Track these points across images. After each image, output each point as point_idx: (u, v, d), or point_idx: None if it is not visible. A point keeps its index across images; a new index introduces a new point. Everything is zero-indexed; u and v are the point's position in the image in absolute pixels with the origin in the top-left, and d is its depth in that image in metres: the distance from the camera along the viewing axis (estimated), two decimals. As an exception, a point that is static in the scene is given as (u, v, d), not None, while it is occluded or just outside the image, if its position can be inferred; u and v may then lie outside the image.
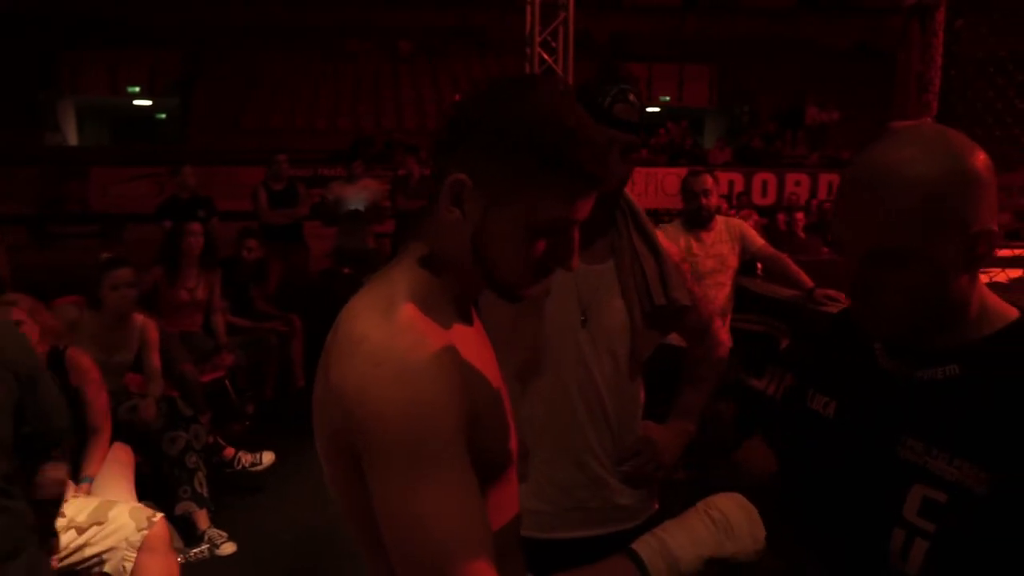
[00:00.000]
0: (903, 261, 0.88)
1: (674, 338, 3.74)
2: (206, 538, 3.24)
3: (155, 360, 3.57)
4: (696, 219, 3.70)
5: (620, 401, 1.60)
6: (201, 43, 14.97)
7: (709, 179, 3.77)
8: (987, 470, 0.85)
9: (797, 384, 1.16)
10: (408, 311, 0.89)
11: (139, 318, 3.57)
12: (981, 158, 0.88)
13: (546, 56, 5.58)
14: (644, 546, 0.91)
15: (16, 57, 13.33)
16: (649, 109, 17.58)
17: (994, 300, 0.95)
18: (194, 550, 3.20)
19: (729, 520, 0.92)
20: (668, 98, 18.04)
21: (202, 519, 3.30)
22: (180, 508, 3.28)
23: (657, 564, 0.89)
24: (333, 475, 0.93)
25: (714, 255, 3.73)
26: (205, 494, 3.33)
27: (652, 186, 12.29)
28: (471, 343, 0.97)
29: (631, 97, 1.50)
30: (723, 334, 1.77)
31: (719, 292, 3.69)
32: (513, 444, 1.02)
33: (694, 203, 3.71)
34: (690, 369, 1.77)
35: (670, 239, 3.84)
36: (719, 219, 3.77)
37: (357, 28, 15.43)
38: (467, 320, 1.00)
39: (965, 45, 3.42)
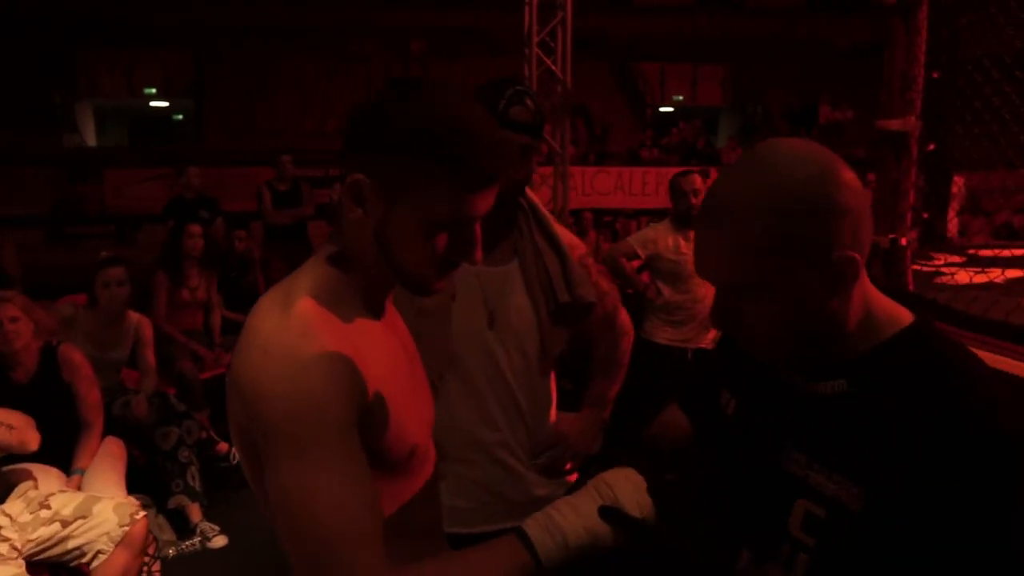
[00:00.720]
0: (755, 295, 0.86)
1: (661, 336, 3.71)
2: (198, 531, 3.31)
3: (149, 357, 3.64)
4: (685, 218, 3.72)
5: (533, 397, 1.65)
6: (215, 44, 15.13)
7: (699, 179, 3.79)
8: (860, 485, 0.84)
9: (712, 374, 1.17)
10: (304, 306, 0.92)
11: (134, 316, 3.64)
12: (840, 181, 0.83)
13: (544, 57, 5.60)
14: (532, 523, 0.94)
15: (34, 59, 13.53)
16: (662, 109, 17.54)
17: (886, 308, 0.92)
18: (186, 542, 3.26)
19: (616, 492, 0.94)
20: (681, 97, 17.99)
21: (195, 512, 3.36)
22: (173, 502, 3.35)
23: (544, 540, 0.91)
24: (246, 467, 0.97)
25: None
26: (198, 488, 3.40)
27: (664, 186, 12.29)
28: (376, 338, 1.00)
29: (527, 101, 1.53)
30: (626, 321, 1.81)
31: (708, 292, 3.70)
32: (417, 438, 1.04)
33: (683, 202, 3.73)
34: (599, 359, 1.80)
35: (659, 237, 3.87)
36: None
37: (368, 29, 15.52)
38: (375, 315, 1.03)
39: (965, 45, 3.42)
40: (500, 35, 15.17)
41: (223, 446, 3.74)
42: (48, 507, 2.45)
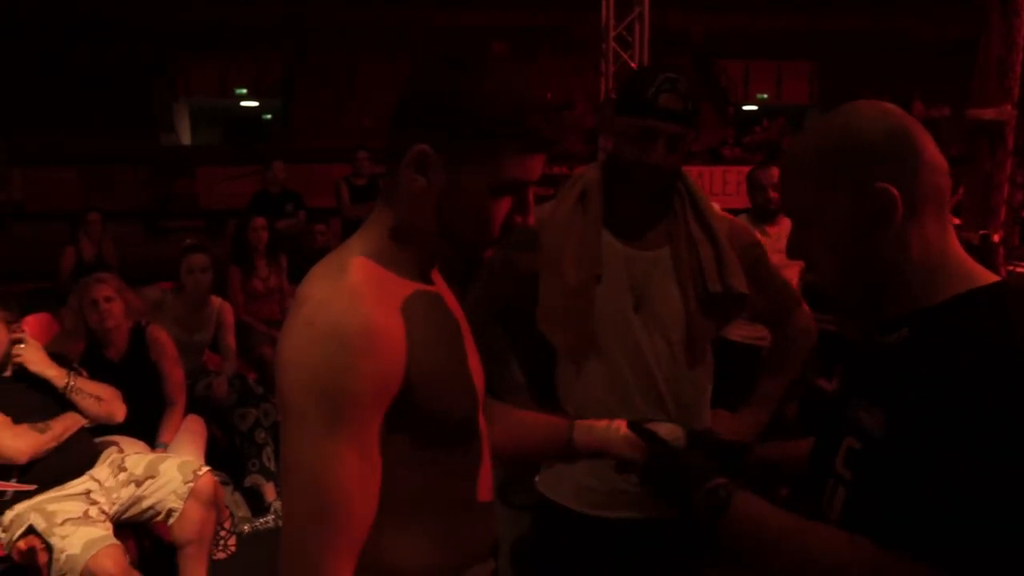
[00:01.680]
0: (811, 221, 0.95)
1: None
2: (272, 509, 3.42)
3: (230, 341, 3.79)
4: (763, 213, 3.63)
5: (677, 387, 1.59)
6: (303, 46, 15.63)
7: (777, 172, 3.68)
8: (884, 410, 0.89)
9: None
10: (355, 276, 0.94)
11: (216, 301, 3.80)
12: (895, 127, 0.91)
13: (621, 52, 5.55)
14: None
15: (135, 62, 14.28)
16: (746, 107, 17.13)
17: (964, 265, 0.93)
18: (260, 519, 3.38)
19: (654, 427, 1.18)
20: (766, 96, 17.52)
21: (269, 491, 3.47)
22: (249, 480, 3.47)
23: (582, 428, 1.21)
24: None
25: (780, 250, 3.62)
26: (273, 468, 3.51)
27: (746, 185, 11.99)
28: (426, 308, 1.00)
29: (679, 87, 1.48)
30: (808, 321, 1.73)
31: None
32: (464, 411, 1.04)
33: (762, 196, 3.64)
34: (770, 356, 1.76)
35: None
36: (786, 214, 3.68)
37: (450, 29, 15.73)
38: (427, 284, 1.04)
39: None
40: (579, 32, 15.17)
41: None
42: (124, 469, 2.58)
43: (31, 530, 2.35)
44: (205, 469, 2.62)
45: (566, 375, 1.62)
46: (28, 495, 2.44)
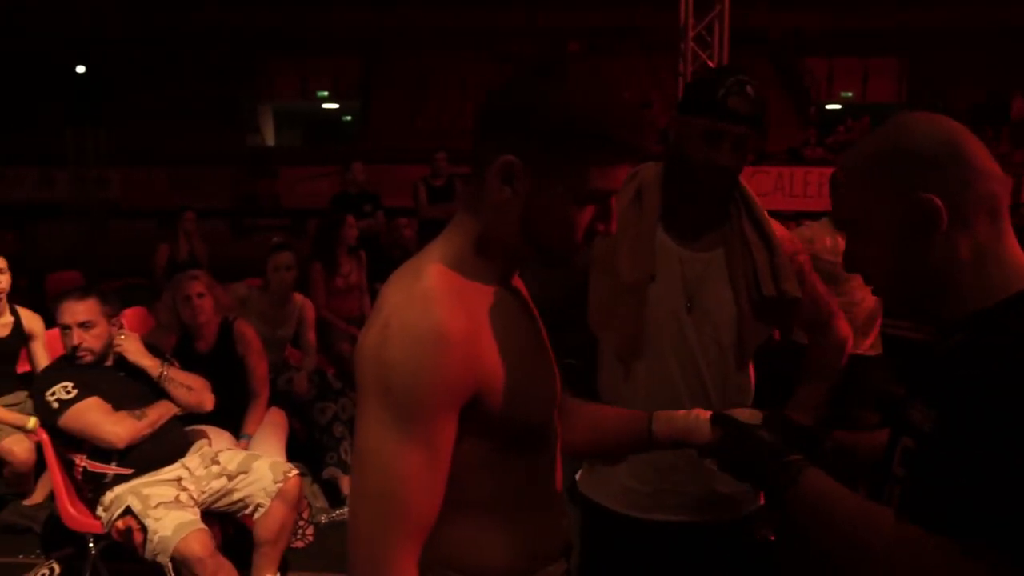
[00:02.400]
0: (860, 230, 0.98)
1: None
2: (347, 502, 3.52)
3: (310, 337, 3.92)
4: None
5: (725, 390, 1.58)
6: (381, 49, 15.96)
7: (861, 174, 3.58)
8: (933, 408, 0.90)
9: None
10: (431, 282, 0.96)
11: (298, 298, 3.94)
12: (942, 138, 0.93)
13: (700, 52, 5.48)
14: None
15: (221, 66, 14.86)
16: (829, 106, 16.62)
17: (1021, 268, 0.94)
18: (337, 511, 3.48)
19: (733, 413, 1.23)
20: (851, 94, 16.98)
21: (346, 484, 3.57)
22: (327, 473, 3.58)
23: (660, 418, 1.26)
24: None
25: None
26: (349, 461, 3.61)
27: (828, 188, 11.62)
28: (503, 314, 1.03)
29: (748, 90, 1.48)
30: (845, 329, 1.72)
31: (866, 295, 3.49)
32: (539, 416, 1.07)
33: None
34: (808, 364, 1.73)
35: (815, 236, 3.70)
36: (870, 217, 3.57)
37: (524, 30, 15.78)
38: (505, 292, 1.06)
39: None
40: (657, 32, 15.01)
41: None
42: (218, 462, 2.71)
43: (128, 511, 2.50)
44: (294, 472, 2.74)
45: (612, 376, 1.62)
46: (126, 478, 2.59)
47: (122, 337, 2.73)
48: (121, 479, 2.59)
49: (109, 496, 2.57)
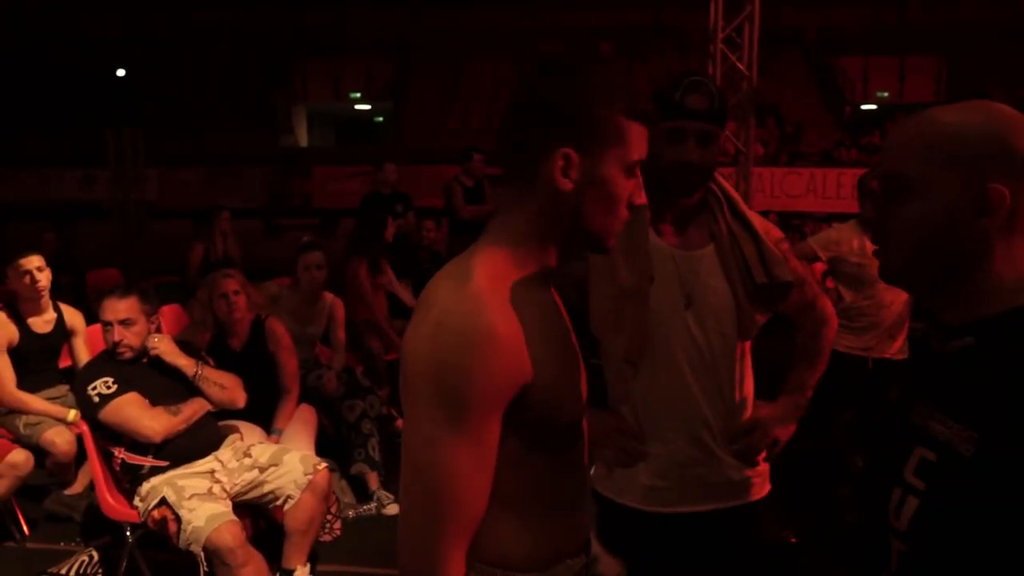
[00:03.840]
0: (912, 192, 0.94)
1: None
2: (375, 498, 3.58)
3: (340, 335, 3.99)
4: (872, 220, 3.50)
5: (731, 375, 1.66)
6: (413, 51, 16.08)
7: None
8: (974, 430, 0.87)
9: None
10: (479, 283, 0.99)
11: (328, 296, 4.01)
12: (1020, 133, 0.91)
13: (729, 53, 5.46)
14: None
15: (256, 67, 15.09)
16: (864, 106, 16.38)
17: None
18: (364, 507, 3.55)
19: None
20: (887, 94, 16.72)
21: (373, 480, 3.64)
22: (355, 469, 3.65)
23: None
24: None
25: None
26: (377, 458, 3.68)
27: (856, 190, 11.44)
28: (546, 314, 1.07)
29: (705, 88, 1.56)
30: (829, 308, 1.78)
31: (895, 298, 3.46)
32: (574, 414, 1.11)
33: (871, 203, 3.51)
34: (800, 346, 1.79)
35: (842, 239, 3.68)
36: (898, 220, 3.53)
37: (555, 30, 15.80)
38: (544, 291, 1.10)
39: None
40: (688, 33, 14.92)
41: (401, 422, 4.00)
42: (249, 456, 2.79)
43: (163, 502, 2.58)
44: (323, 465, 2.80)
45: (621, 378, 1.68)
46: (162, 470, 2.68)
47: (156, 339, 2.81)
48: (157, 471, 2.68)
49: (146, 487, 2.65)
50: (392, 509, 3.54)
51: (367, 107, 18.12)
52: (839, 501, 3.59)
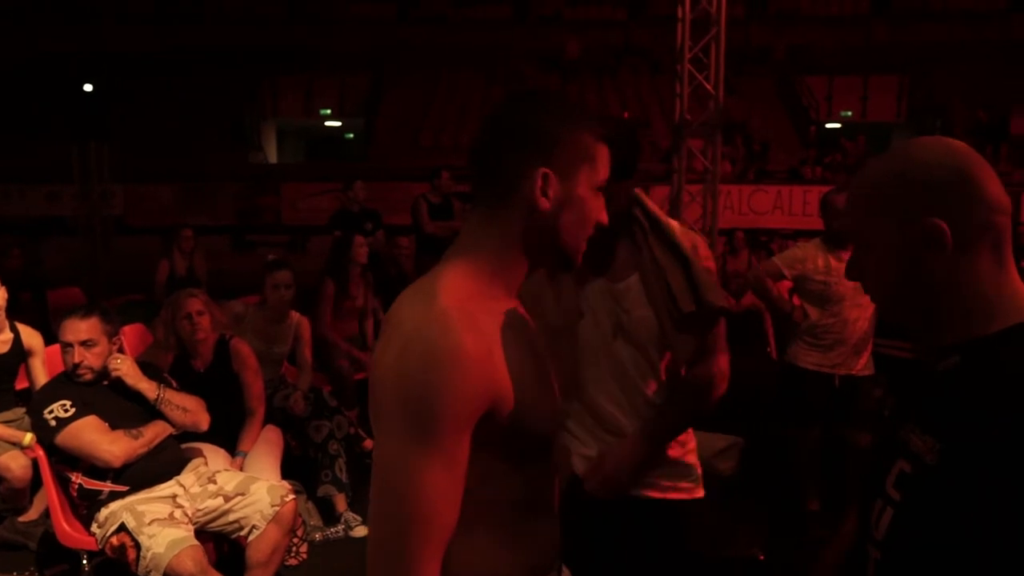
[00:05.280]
0: (868, 246, 1.00)
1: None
2: (342, 520, 3.53)
3: (307, 354, 3.95)
4: (836, 238, 3.54)
5: (650, 391, 1.71)
6: (383, 68, 16.10)
7: (853, 196, 3.61)
8: (938, 440, 0.91)
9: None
10: (446, 300, 1.00)
11: (295, 315, 3.97)
12: (955, 161, 0.95)
13: (696, 73, 5.53)
14: None
15: (226, 85, 15.00)
16: (829, 125, 16.68)
17: (1021, 299, 0.96)
18: (331, 529, 3.49)
19: None
20: (850, 112, 17.05)
21: (340, 502, 3.59)
22: (322, 490, 3.59)
23: None
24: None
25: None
26: (344, 479, 3.63)
27: (819, 209, 11.61)
28: (517, 329, 1.08)
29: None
30: (725, 365, 1.74)
31: (860, 314, 3.51)
32: (547, 428, 1.12)
33: (835, 221, 3.56)
34: (676, 389, 1.74)
35: (807, 257, 3.72)
36: (861, 238, 3.59)
37: (527, 50, 15.92)
38: (513, 309, 1.11)
39: None
40: (657, 53, 15.12)
41: (369, 443, 3.97)
42: (214, 482, 2.73)
43: (122, 528, 2.52)
44: (291, 497, 2.75)
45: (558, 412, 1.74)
46: (121, 495, 2.61)
47: (118, 361, 2.75)
48: (116, 496, 2.62)
49: (104, 513, 2.59)
50: (360, 531, 3.50)
51: (338, 124, 18.07)
52: (808, 516, 3.61)
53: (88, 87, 15.90)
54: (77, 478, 2.64)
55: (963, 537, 0.86)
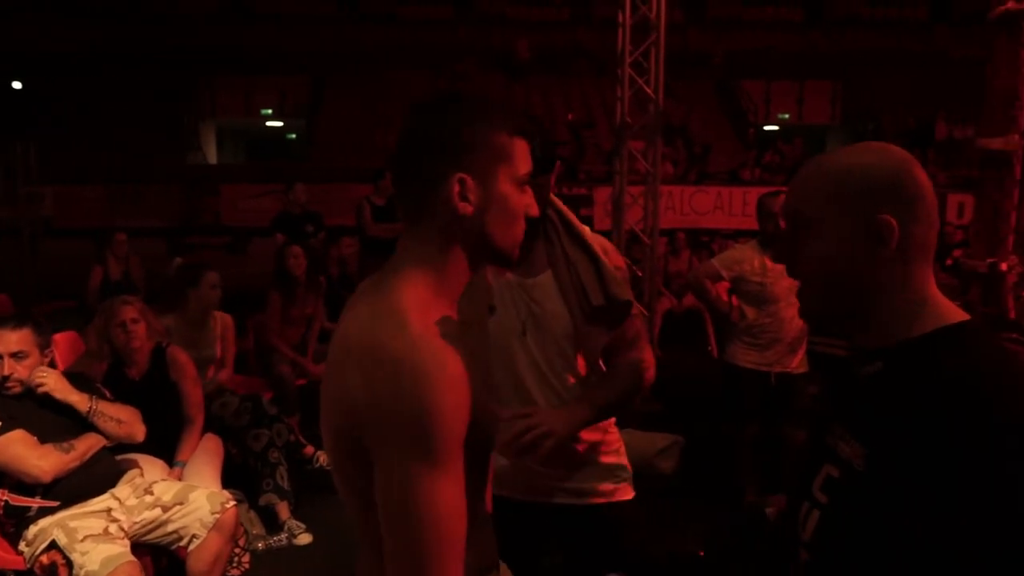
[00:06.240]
0: (811, 229, 1.02)
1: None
2: (285, 528, 3.48)
3: (231, 353, 3.95)
4: (771, 239, 3.64)
5: (570, 387, 1.74)
6: (325, 67, 15.88)
7: (786, 199, 3.71)
8: (864, 446, 0.95)
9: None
10: (416, 321, 1.00)
11: (217, 315, 3.93)
12: (900, 169, 1.00)
13: (636, 77, 5.61)
14: None
15: (164, 85, 14.59)
16: (767, 127, 17.10)
17: (940, 305, 1.00)
18: (274, 537, 3.44)
19: None
20: (787, 115, 17.52)
21: (283, 510, 3.54)
22: (263, 499, 3.53)
23: None
24: (342, 469, 1.06)
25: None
26: (286, 487, 3.57)
27: (756, 210, 11.92)
28: (469, 340, 1.09)
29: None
30: (649, 359, 1.80)
31: (795, 313, 3.59)
32: (492, 434, 1.15)
33: (771, 223, 3.66)
34: (612, 372, 1.77)
35: (744, 258, 3.81)
36: (795, 240, 3.69)
37: (472, 49, 15.90)
38: (462, 315, 1.13)
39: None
40: (600, 54, 15.27)
41: (309, 449, 3.92)
42: (151, 493, 2.66)
43: (53, 545, 2.43)
44: (232, 503, 2.70)
45: None
46: (51, 511, 2.52)
47: (43, 375, 2.64)
48: (46, 512, 2.52)
49: (33, 530, 2.50)
50: (304, 539, 3.45)
51: (279, 124, 17.75)
52: (746, 512, 3.70)
53: (17, 84, 15.29)
54: (3, 495, 2.54)
55: (889, 541, 0.89)
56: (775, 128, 16.89)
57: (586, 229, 1.76)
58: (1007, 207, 2.96)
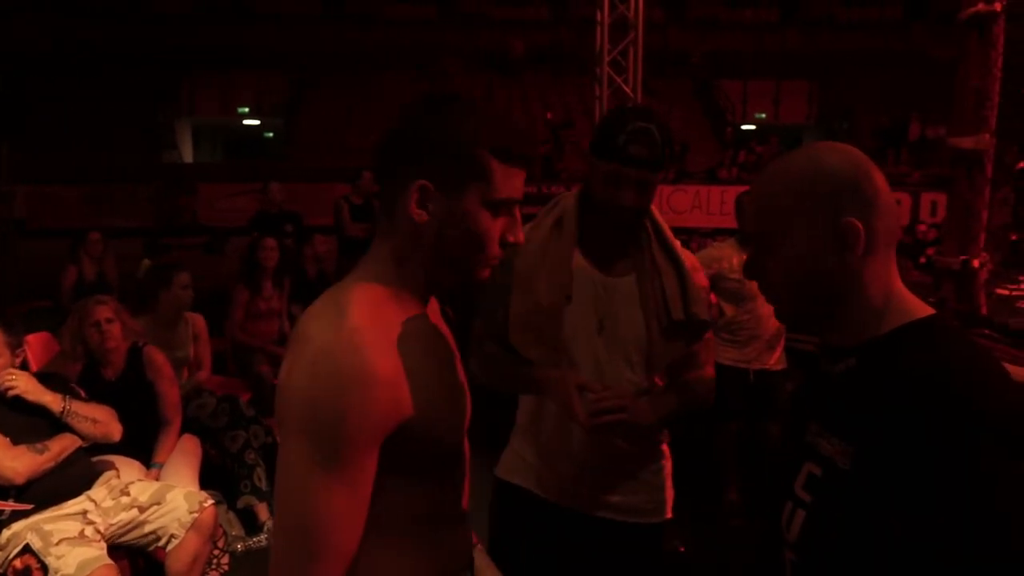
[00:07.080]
0: (775, 243, 1.01)
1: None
2: (265, 529, 3.45)
3: (204, 351, 3.92)
4: (749, 238, 3.67)
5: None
6: (304, 68, 15.78)
7: (765, 197, 3.74)
8: (851, 445, 0.95)
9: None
10: (356, 318, 0.98)
11: (188, 316, 3.89)
12: (860, 169, 0.99)
13: (615, 76, 5.64)
14: None
15: (140, 83, 14.42)
16: (744, 127, 17.26)
17: (906, 301, 1.01)
18: (254, 539, 3.41)
19: None
20: (764, 115, 17.70)
21: (262, 511, 3.50)
22: (242, 501, 3.50)
23: None
24: None
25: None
26: (265, 488, 3.54)
27: (734, 208, 12.01)
28: (426, 339, 1.07)
29: (650, 136, 1.56)
30: (711, 376, 1.80)
31: (771, 311, 3.64)
32: (451, 441, 1.12)
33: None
34: (685, 382, 1.77)
35: (723, 257, 3.84)
36: (773, 237, 3.73)
37: (450, 49, 15.88)
38: (423, 317, 1.10)
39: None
40: (580, 53, 15.32)
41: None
42: (128, 494, 2.63)
43: (27, 549, 2.39)
44: (210, 503, 2.67)
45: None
46: (25, 514, 2.48)
47: (12, 378, 2.59)
48: (20, 515, 2.48)
49: (6, 534, 2.45)
50: (283, 540, 3.43)
51: (256, 123, 17.62)
52: (726, 508, 3.73)
53: (-13, 83, 15.05)
54: (-25, 498, 2.50)
55: (878, 539, 0.89)
56: (752, 127, 17.03)
57: (678, 243, 1.73)
58: (978, 205, 3.01)
